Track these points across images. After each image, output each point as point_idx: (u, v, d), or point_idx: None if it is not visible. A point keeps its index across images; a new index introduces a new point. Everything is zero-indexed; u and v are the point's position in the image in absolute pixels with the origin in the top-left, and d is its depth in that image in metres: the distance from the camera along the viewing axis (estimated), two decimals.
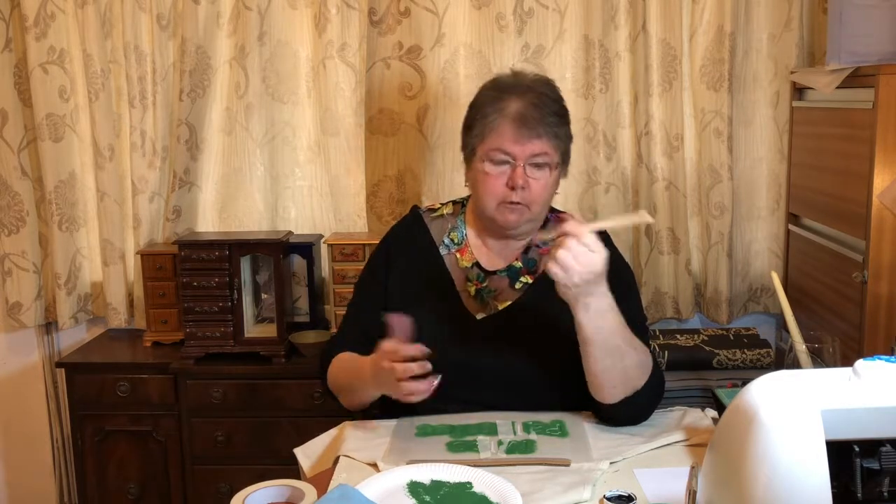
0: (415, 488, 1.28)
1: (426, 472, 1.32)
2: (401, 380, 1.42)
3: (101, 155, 2.52)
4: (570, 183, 2.54)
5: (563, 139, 1.63)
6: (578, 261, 1.35)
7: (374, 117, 2.50)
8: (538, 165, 1.59)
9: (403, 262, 1.72)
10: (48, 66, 2.47)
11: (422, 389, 1.41)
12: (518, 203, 1.59)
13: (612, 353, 1.46)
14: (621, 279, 1.66)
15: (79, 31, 2.49)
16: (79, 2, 2.47)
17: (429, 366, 1.41)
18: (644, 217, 1.45)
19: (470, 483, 1.28)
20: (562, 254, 1.34)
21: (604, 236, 1.72)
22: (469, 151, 1.66)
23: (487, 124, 1.60)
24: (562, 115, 1.63)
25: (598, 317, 1.42)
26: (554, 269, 1.36)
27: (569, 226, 1.36)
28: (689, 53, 2.48)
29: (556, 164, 1.62)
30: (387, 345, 1.44)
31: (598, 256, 1.36)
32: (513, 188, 1.58)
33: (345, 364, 1.66)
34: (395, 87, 2.47)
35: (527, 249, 1.70)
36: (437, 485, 1.29)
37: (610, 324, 1.44)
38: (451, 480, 1.29)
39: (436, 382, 1.41)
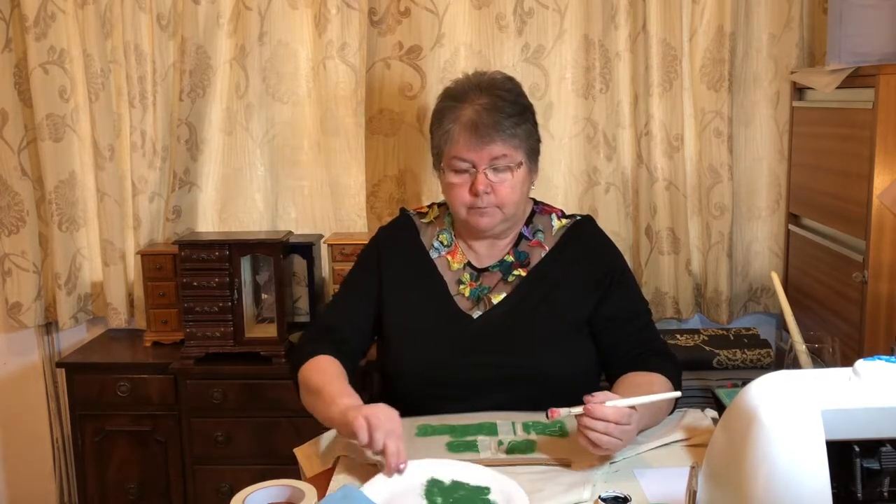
0: (432, 488, 1.27)
1: (449, 471, 1.31)
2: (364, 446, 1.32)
3: (101, 155, 2.52)
4: (571, 183, 2.54)
5: (523, 138, 1.63)
6: (612, 436, 1.31)
7: (374, 117, 2.50)
8: (499, 169, 1.61)
9: (395, 265, 1.72)
10: (48, 66, 2.47)
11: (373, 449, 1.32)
12: (486, 207, 1.61)
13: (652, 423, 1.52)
14: (622, 277, 1.69)
15: (79, 31, 2.49)
16: (79, 2, 2.47)
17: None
18: (674, 394, 1.45)
19: (488, 488, 1.27)
20: (595, 436, 1.30)
21: (591, 223, 1.75)
22: (436, 161, 1.70)
23: (444, 134, 1.64)
24: (519, 113, 1.63)
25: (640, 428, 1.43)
26: (600, 452, 1.33)
27: (589, 406, 1.31)
28: (689, 53, 2.48)
29: (520, 163, 1.63)
30: (376, 422, 1.32)
31: (627, 429, 1.33)
32: (475, 195, 1.60)
33: (322, 376, 1.56)
34: (395, 87, 2.47)
35: (517, 243, 1.71)
36: (455, 485, 1.28)
37: (647, 422, 1.47)
38: (471, 483, 1.29)
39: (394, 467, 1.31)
